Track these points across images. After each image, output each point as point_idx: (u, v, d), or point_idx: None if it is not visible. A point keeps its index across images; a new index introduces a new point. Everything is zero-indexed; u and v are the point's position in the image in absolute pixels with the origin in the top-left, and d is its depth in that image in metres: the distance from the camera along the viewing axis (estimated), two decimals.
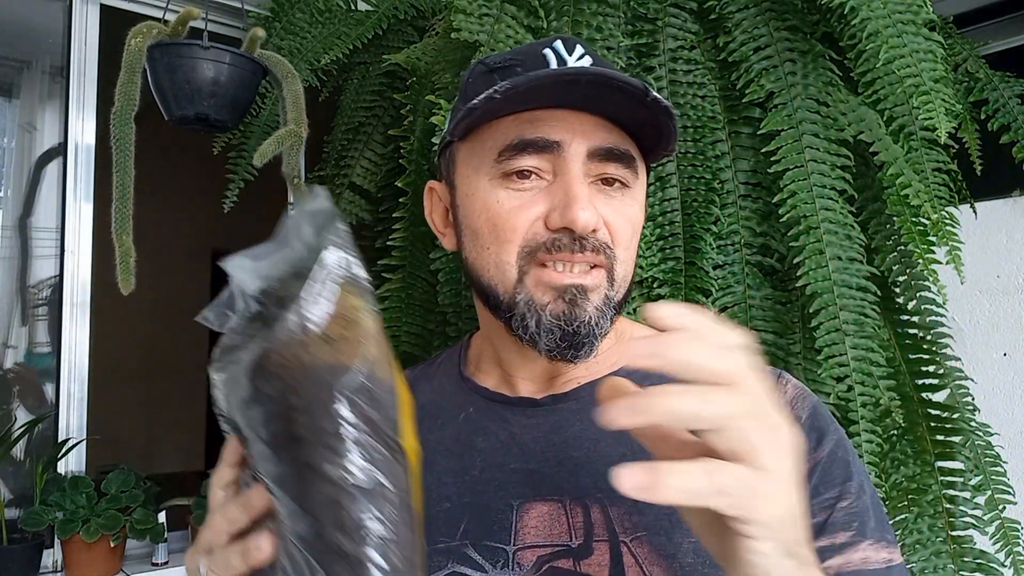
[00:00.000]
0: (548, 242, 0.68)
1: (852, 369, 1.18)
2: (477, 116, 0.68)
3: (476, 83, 0.72)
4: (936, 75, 1.13)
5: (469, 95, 0.69)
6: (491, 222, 0.70)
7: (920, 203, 1.20)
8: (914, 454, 1.27)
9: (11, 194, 1.91)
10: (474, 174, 0.71)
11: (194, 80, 1.53)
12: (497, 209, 0.69)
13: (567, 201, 0.67)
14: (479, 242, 0.71)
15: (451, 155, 0.75)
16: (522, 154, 0.68)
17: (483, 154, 0.71)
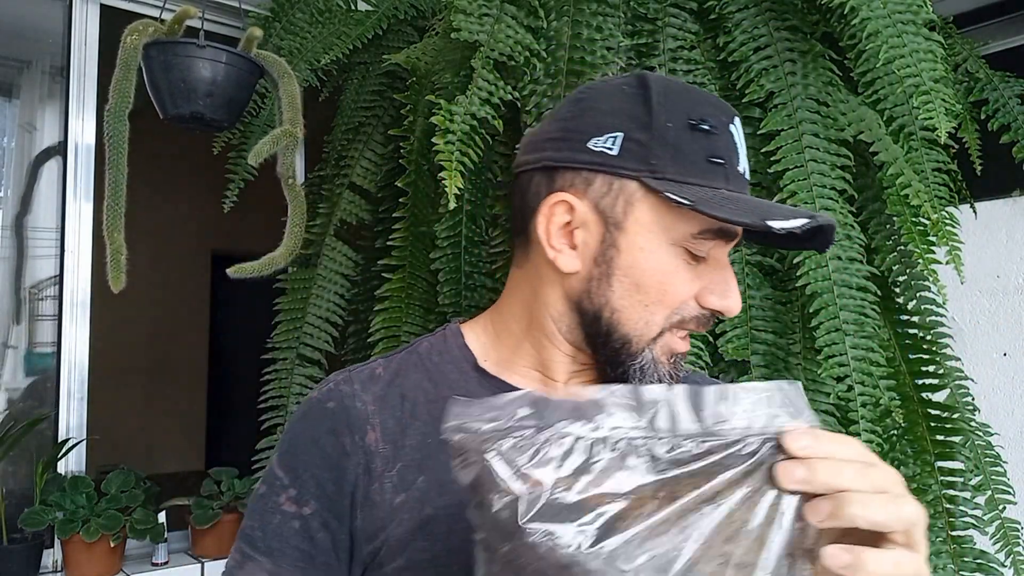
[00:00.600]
0: (700, 317, 0.74)
1: (852, 369, 1.18)
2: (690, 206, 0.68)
3: (683, 138, 0.71)
4: (936, 75, 1.13)
5: (676, 149, 0.70)
6: (664, 287, 0.72)
7: (920, 203, 1.20)
8: (914, 454, 1.27)
9: (11, 194, 1.91)
10: (659, 234, 0.71)
11: (190, 79, 1.53)
12: (673, 277, 0.72)
13: (727, 291, 0.73)
14: (641, 297, 0.72)
15: (626, 192, 0.72)
16: (715, 240, 0.72)
17: (680, 223, 0.71)
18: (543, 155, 0.75)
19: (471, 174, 1.33)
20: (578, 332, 0.76)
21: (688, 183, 0.69)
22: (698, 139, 0.70)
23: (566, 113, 0.75)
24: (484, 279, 1.41)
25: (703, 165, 0.70)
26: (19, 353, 1.92)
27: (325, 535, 0.72)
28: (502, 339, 0.81)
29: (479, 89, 1.24)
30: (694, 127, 0.71)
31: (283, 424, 1.82)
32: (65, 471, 1.78)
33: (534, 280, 0.77)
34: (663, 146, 0.70)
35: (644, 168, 0.70)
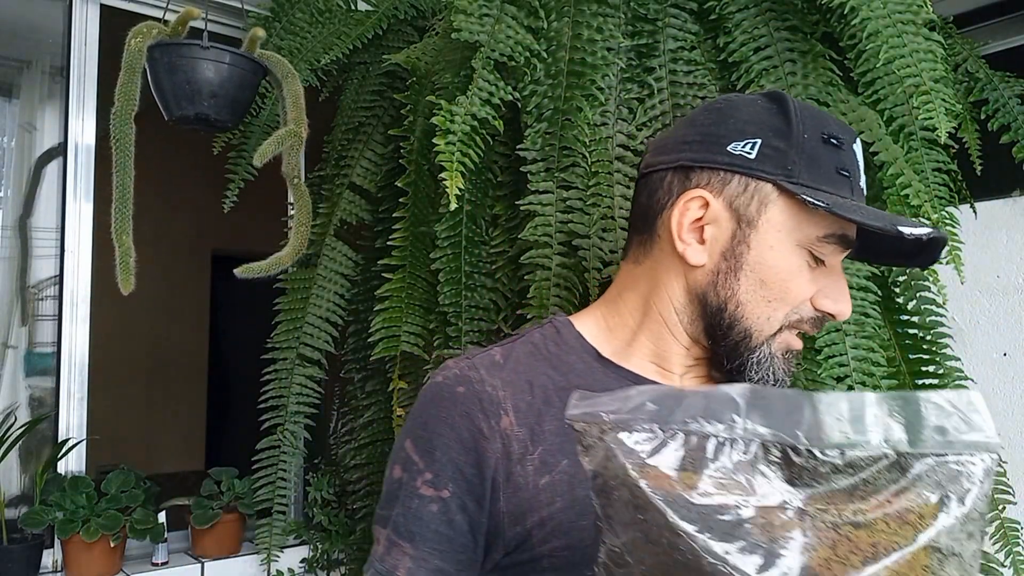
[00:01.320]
0: (813, 319, 0.80)
1: (852, 369, 1.18)
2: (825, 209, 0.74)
3: (818, 149, 0.77)
4: (936, 75, 1.13)
5: (811, 159, 0.76)
6: (786, 285, 0.78)
7: (920, 203, 1.20)
8: None
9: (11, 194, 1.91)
10: (787, 234, 0.77)
11: (194, 80, 1.53)
12: (797, 277, 0.78)
13: (841, 296, 0.80)
14: (764, 292, 0.78)
15: (761, 193, 0.77)
16: (835, 245, 0.78)
17: (809, 225, 0.77)
18: (680, 156, 0.80)
19: (471, 174, 1.33)
20: (699, 324, 0.81)
21: (820, 190, 0.75)
22: (830, 152, 0.77)
23: (705, 119, 0.81)
24: (484, 279, 1.41)
25: (833, 175, 0.76)
26: (19, 353, 1.92)
27: (463, 518, 0.73)
28: (616, 332, 0.85)
29: (479, 89, 1.24)
30: (826, 140, 0.77)
31: (283, 424, 1.82)
32: (65, 471, 1.78)
33: (657, 274, 0.83)
34: (799, 154, 0.76)
35: (780, 172, 0.76)
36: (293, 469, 1.86)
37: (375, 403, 1.84)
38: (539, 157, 1.29)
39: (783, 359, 0.80)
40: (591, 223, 1.25)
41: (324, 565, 1.92)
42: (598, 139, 1.28)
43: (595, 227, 1.25)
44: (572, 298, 1.26)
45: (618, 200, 1.26)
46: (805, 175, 0.76)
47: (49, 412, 1.82)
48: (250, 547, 1.91)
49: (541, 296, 1.25)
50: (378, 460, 1.86)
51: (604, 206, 1.25)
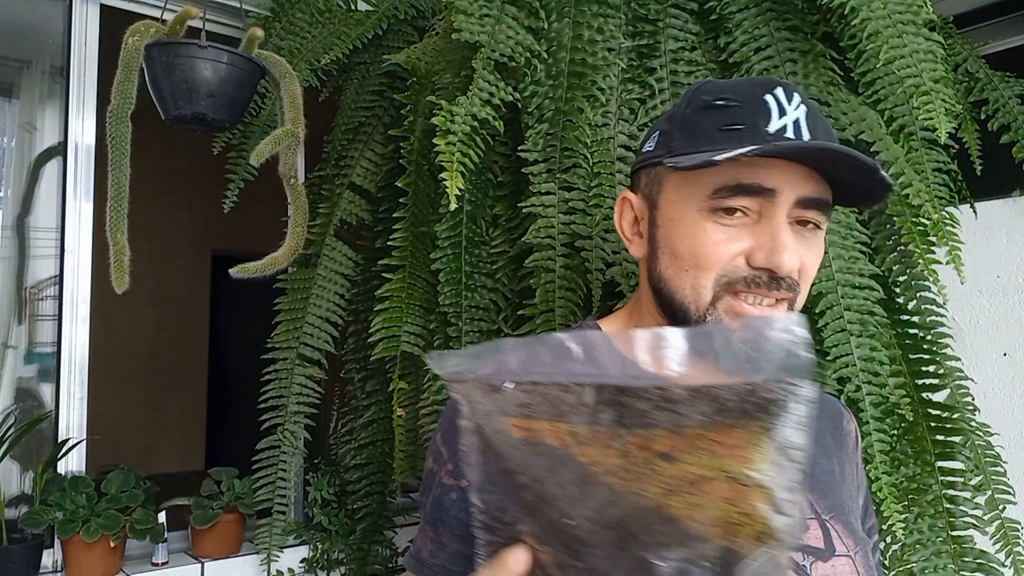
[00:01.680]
0: (749, 277, 0.76)
1: (859, 369, 1.18)
2: (713, 166, 0.74)
3: (698, 117, 0.79)
4: (936, 75, 1.13)
5: (690, 128, 0.79)
6: (694, 249, 0.78)
7: (921, 203, 1.20)
8: (914, 454, 1.27)
9: (11, 194, 1.91)
10: (683, 202, 0.79)
11: (192, 79, 1.53)
12: (703, 239, 0.77)
13: (774, 246, 0.75)
14: (678, 264, 0.79)
15: (657, 176, 0.82)
16: (736, 196, 0.76)
17: (696, 187, 0.78)
18: (635, 166, 0.89)
19: (472, 174, 1.33)
20: (659, 312, 0.85)
21: (697, 152, 0.76)
22: (711, 115, 0.78)
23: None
24: (485, 279, 1.41)
25: (714, 134, 0.77)
26: (19, 353, 1.92)
27: None
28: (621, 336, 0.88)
29: (480, 90, 1.24)
30: (708, 106, 0.79)
31: (283, 424, 1.82)
32: (65, 471, 1.78)
33: (640, 275, 0.89)
34: (680, 129, 0.80)
35: (665, 152, 0.80)
36: (293, 469, 1.86)
37: (375, 403, 1.84)
38: (540, 158, 1.29)
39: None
40: (593, 224, 1.25)
41: (324, 565, 1.92)
42: (599, 140, 1.28)
43: (597, 228, 1.25)
44: (576, 299, 1.26)
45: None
46: (684, 146, 0.78)
47: (49, 412, 1.82)
48: (250, 547, 1.91)
49: (547, 298, 1.26)
50: (378, 460, 1.86)
51: (606, 207, 1.25)
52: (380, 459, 1.85)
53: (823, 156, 0.74)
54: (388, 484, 1.88)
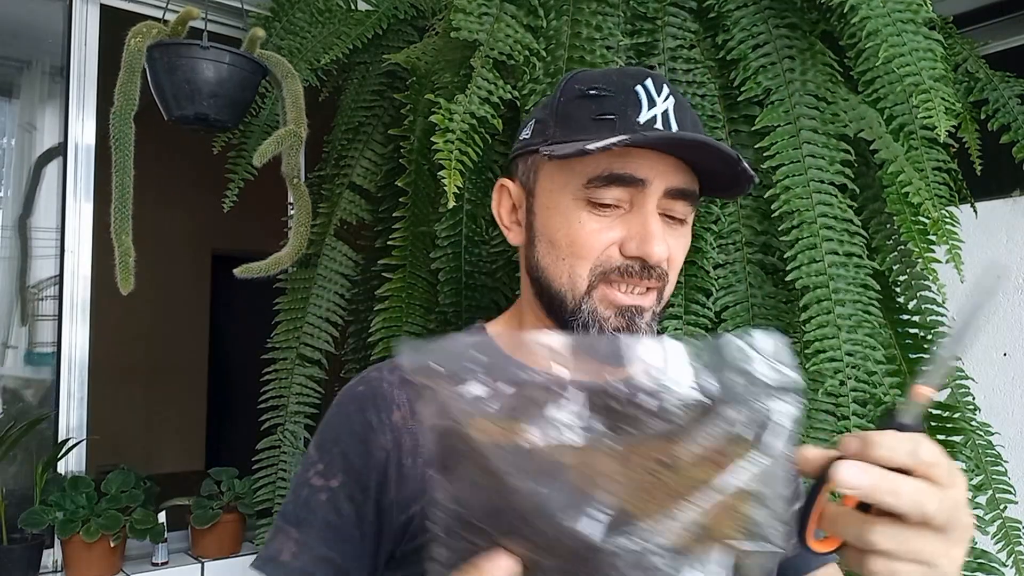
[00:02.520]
0: (621, 267, 0.78)
1: (846, 364, 1.18)
2: (586, 155, 0.75)
3: (572, 106, 0.80)
4: (936, 74, 1.13)
5: (564, 117, 0.80)
6: (570, 238, 0.79)
7: (920, 201, 1.20)
8: None
9: (11, 194, 1.91)
10: (559, 191, 0.80)
11: (194, 80, 1.53)
12: (578, 229, 0.78)
13: (645, 236, 0.77)
14: (555, 252, 0.80)
15: (534, 164, 0.83)
16: (610, 187, 0.77)
17: (571, 176, 0.79)
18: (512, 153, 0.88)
19: (471, 173, 1.33)
20: (537, 301, 0.85)
21: (571, 140, 0.77)
22: (584, 104, 0.79)
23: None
24: (485, 279, 1.41)
25: (587, 123, 0.78)
26: (19, 353, 1.92)
27: (350, 507, 0.75)
28: (506, 334, 0.88)
29: (478, 88, 1.24)
30: (582, 95, 0.80)
31: (283, 424, 1.82)
32: (65, 471, 1.78)
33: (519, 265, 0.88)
34: (555, 117, 0.81)
35: (541, 140, 0.81)
36: (293, 469, 1.86)
37: None
38: None
39: (616, 316, 0.79)
40: None
41: None
42: None
43: None
44: None
45: None
46: (559, 134, 0.79)
47: (49, 412, 1.82)
48: (250, 547, 1.91)
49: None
50: None
51: None
52: None
53: (691, 146, 0.76)
54: None
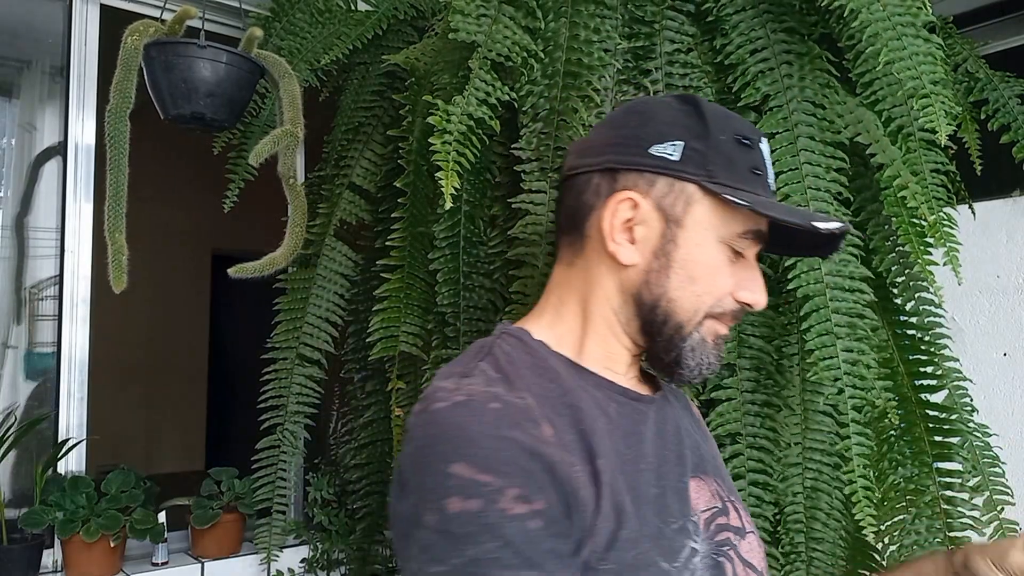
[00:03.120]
0: (735, 311, 0.84)
1: (843, 372, 1.18)
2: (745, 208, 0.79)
3: (731, 149, 0.81)
4: (936, 77, 1.13)
5: (727, 159, 0.81)
6: (710, 279, 0.82)
7: (917, 204, 1.20)
8: (912, 455, 1.27)
9: (11, 194, 1.91)
10: (712, 231, 0.81)
11: (191, 79, 1.53)
12: (719, 272, 0.82)
13: (757, 287, 0.84)
14: (692, 287, 0.82)
15: (686, 193, 0.81)
16: (754, 242, 0.83)
17: (730, 222, 0.81)
18: (604, 158, 0.83)
19: (469, 174, 1.33)
20: (634, 323, 0.84)
21: (739, 188, 0.80)
22: (743, 152, 0.82)
23: (626, 122, 0.85)
24: (483, 279, 1.41)
25: (747, 174, 0.81)
26: (19, 353, 1.92)
27: (564, 526, 0.68)
28: (565, 339, 0.85)
29: (476, 89, 1.24)
30: (739, 141, 0.82)
31: (283, 424, 1.82)
32: (65, 471, 1.79)
33: (590, 275, 0.85)
34: (717, 155, 0.80)
35: (702, 173, 0.80)
36: (293, 469, 1.87)
37: (375, 403, 1.84)
38: (533, 157, 1.29)
39: (713, 344, 0.84)
40: None
41: (324, 565, 1.93)
42: None
43: None
44: None
45: None
46: (724, 175, 0.80)
47: (49, 412, 1.83)
48: (250, 547, 1.92)
49: (525, 292, 1.26)
50: (378, 460, 1.86)
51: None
52: (380, 459, 1.85)
53: (826, 236, 0.85)
54: (388, 484, 1.88)
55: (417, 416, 0.72)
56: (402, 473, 0.71)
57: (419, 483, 0.67)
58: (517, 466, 0.66)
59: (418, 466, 0.69)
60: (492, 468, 0.65)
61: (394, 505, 0.73)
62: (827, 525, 1.26)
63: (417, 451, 0.70)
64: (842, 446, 1.18)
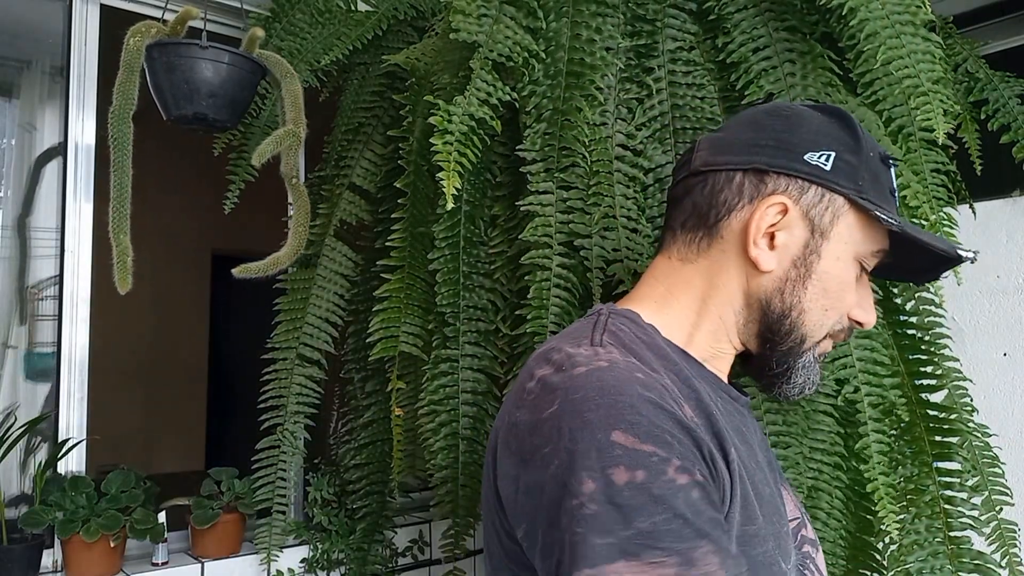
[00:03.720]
0: (847, 329, 0.86)
1: (859, 370, 1.18)
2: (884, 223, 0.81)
3: (878, 167, 0.82)
4: (934, 76, 1.13)
5: (875, 176, 0.81)
6: (841, 294, 0.82)
7: (918, 204, 1.20)
8: (912, 455, 1.27)
9: (11, 194, 1.91)
10: (851, 246, 0.82)
11: (193, 80, 1.53)
12: (849, 287, 0.83)
13: (870, 306, 0.86)
14: (824, 300, 0.82)
15: (834, 205, 0.81)
16: (879, 262, 0.85)
17: (869, 240, 0.83)
18: (753, 158, 0.81)
19: (470, 175, 1.33)
20: (753, 327, 0.83)
21: (881, 207, 0.80)
22: (885, 171, 0.83)
23: (774, 124, 0.82)
24: (483, 280, 1.41)
25: (887, 194, 0.82)
26: (19, 353, 1.92)
27: (715, 496, 0.67)
28: (672, 330, 0.83)
29: (477, 90, 1.24)
30: (883, 160, 0.83)
31: (283, 424, 1.82)
32: (65, 471, 1.79)
33: (715, 274, 0.83)
34: (867, 171, 0.80)
35: (852, 187, 0.80)
36: (293, 469, 1.87)
37: (375, 403, 1.85)
38: (538, 157, 1.29)
39: (818, 363, 0.86)
40: (592, 223, 1.25)
41: (324, 565, 1.92)
42: (598, 139, 1.28)
43: (597, 227, 1.25)
44: (572, 299, 1.25)
45: (619, 200, 1.25)
46: (871, 192, 0.80)
47: (49, 412, 1.82)
48: (250, 547, 1.91)
49: (540, 296, 1.25)
50: (378, 460, 1.86)
51: (605, 206, 1.25)
52: (380, 459, 1.85)
53: (935, 265, 0.88)
54: (388, 484, 1.88)
55: (551, 378, 0.69)
56: (530, 437, 0.68)
57: (568, 449, 0.64)
58: (675, 436, 0.65)
59: (563, 432, 0.65)
60: (653, 437, 0.63)
61: (512, 470, 0.70)
62: (827, 525, 1.26)
63: (562, 415, 0.66)
64: (861, 444, 1.18)
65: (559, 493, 0.63)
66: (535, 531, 0.66)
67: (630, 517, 0.60)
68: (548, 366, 0.71)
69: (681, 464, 0.63)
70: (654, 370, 0.72)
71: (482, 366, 1.41)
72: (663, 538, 0.60)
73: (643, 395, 0.66)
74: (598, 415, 0.64)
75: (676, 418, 0.66)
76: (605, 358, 0.70)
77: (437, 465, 1.41)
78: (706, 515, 0.63)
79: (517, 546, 0.71)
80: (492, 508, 0.76)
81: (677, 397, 0.70)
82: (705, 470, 0.66)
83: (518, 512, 0.69)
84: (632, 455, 0.62)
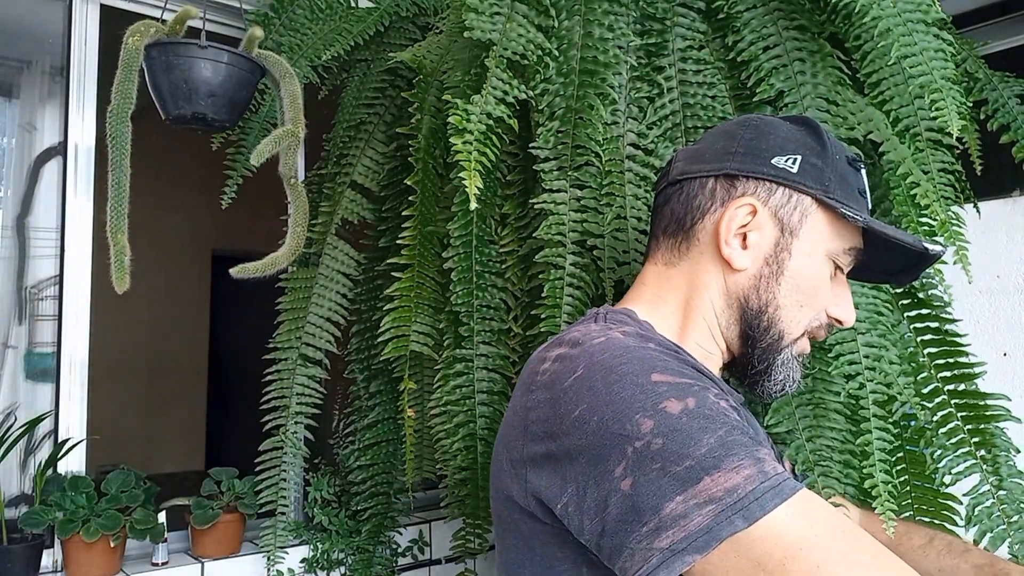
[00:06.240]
0: (826, 326, 0.89)
1: (864, 367, 1.18)
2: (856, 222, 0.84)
3: (845, 168, 0.86)
4: (947, 73, 1.13)
5: (842, 177, 0.85)
6: (814, 291, 0.86)
7: (928, 203, 1.20)
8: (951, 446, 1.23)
9: (11, 194, 1.90)
10: (820, 244, 0.86)
11: (192, 79, 1.52)
12: (822, 285, 0.87)
13: (848, 304, 0.89)
14: (797, 297, 0.85)
15: (802, 205, 0.85)
16: (852, 259, 0.88)
17: (839, 238, 0.86)
18: (724, 165, 0.86)
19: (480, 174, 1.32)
20: (735, 327, 0.87)
21: (849, 206, 0.84)
22: (853, 173, 0.87)
23: (745, 134, 0.88)
24: (495, 278, 1.40)
25: (856, 195, 0.86)
26: (19, 353, 1.91)
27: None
28: (665, 330, 0.88)
29: (494, 88, 1.24)
30: (850, 162, 0.87)
31: (285, 424, 1.81)
32: (65, 471, 1.77)
33: (695, 277, 0.87)
34: (833, 172, 0.85)
35: (819, 187, 0.84)
36: (294, 470, 1.86)
37: (380, 404, 1.84)
38: (552, 156, 1.29)
39: (798, 361, 0.89)
40: (605, 222, 1.25)
41: (324, 565, 1.92)
42: (610, 138, 1.28)
43: (609, 227, 1.25)
44: (585, 298, 1.25)
45: (630, 200, 1.25)
46: (838, 192, 0.84)
47: (49, 412, 1.81)
48: (250, 547, 1.91)
49: (554, 295, 1.25)
50: (383, 461, 1.85)
51: (617, 205, 1.25)
52: (385, 460, 1.85)
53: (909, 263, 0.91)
54: (394, 484, 1.87)
55: (569, 352, 0.74)
56: (553, 408, 0.70)
57: (609, 401, 0.66)
58: (700, 377, 0.71)
59: (597, 389, 0.68)
60: (685, 374, 0.69)
61: (540, 449, 0.71)
62: None
63: (592, 375, 0.69)
64: (862, 441, 1.17)
65: (611, 444, 0.65)
66: (582, 493, 0.67)
67: (698, 438, 0.63)
68: (562, 347, 0.76)
69: (718, 391, 0.69)
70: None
71: (496, 365, 1.40)
72: (732, 447, 0.63)
73: (662, 351, 0.74)
74: (631, 366, 0.69)
75: (696, 366, 0.75)
76: (617, 331, 0.77)
77: (456, 466, 1.40)
78: (749, 432, 0.67)
79: (543, 524, 0.73)
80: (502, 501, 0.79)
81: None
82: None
83: (554, 485, 0.69)
84: (676, 388, 0.66)
